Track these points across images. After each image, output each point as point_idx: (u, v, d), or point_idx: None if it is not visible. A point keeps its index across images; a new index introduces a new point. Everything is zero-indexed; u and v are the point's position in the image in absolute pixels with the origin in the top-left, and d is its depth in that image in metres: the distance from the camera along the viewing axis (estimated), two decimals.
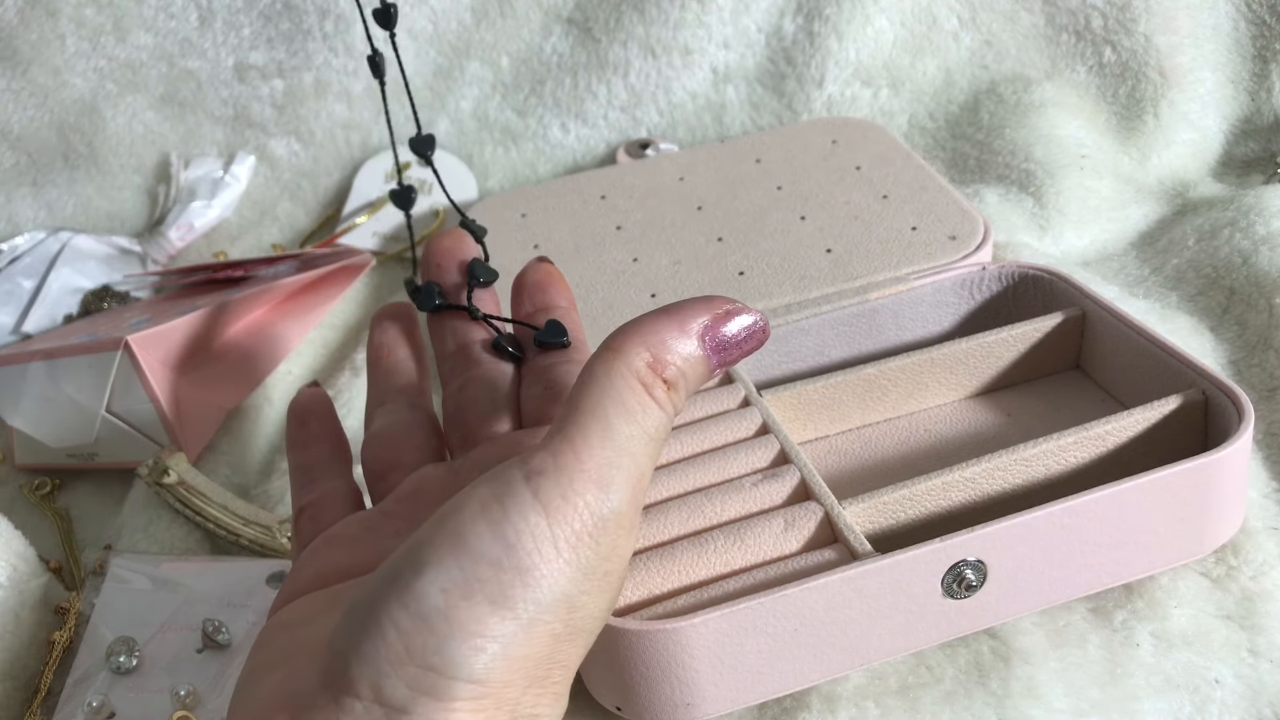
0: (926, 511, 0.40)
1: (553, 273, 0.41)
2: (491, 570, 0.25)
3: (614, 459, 0.26)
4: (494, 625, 0.25)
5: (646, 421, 0.28)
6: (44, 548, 0.50)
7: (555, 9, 0.73)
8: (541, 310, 0.40)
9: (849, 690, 0.38)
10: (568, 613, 0.26)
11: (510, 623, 0.25)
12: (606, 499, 0.26)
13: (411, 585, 0.25)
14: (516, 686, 0.25)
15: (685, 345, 0.29)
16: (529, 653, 0.25)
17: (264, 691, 0.27)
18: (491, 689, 0.25)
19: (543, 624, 0.25)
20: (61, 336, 0.57)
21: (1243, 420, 0.40)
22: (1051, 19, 0.71)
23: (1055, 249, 0.61)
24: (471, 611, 0.24)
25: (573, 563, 0.26)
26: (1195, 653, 0.39)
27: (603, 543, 0.26)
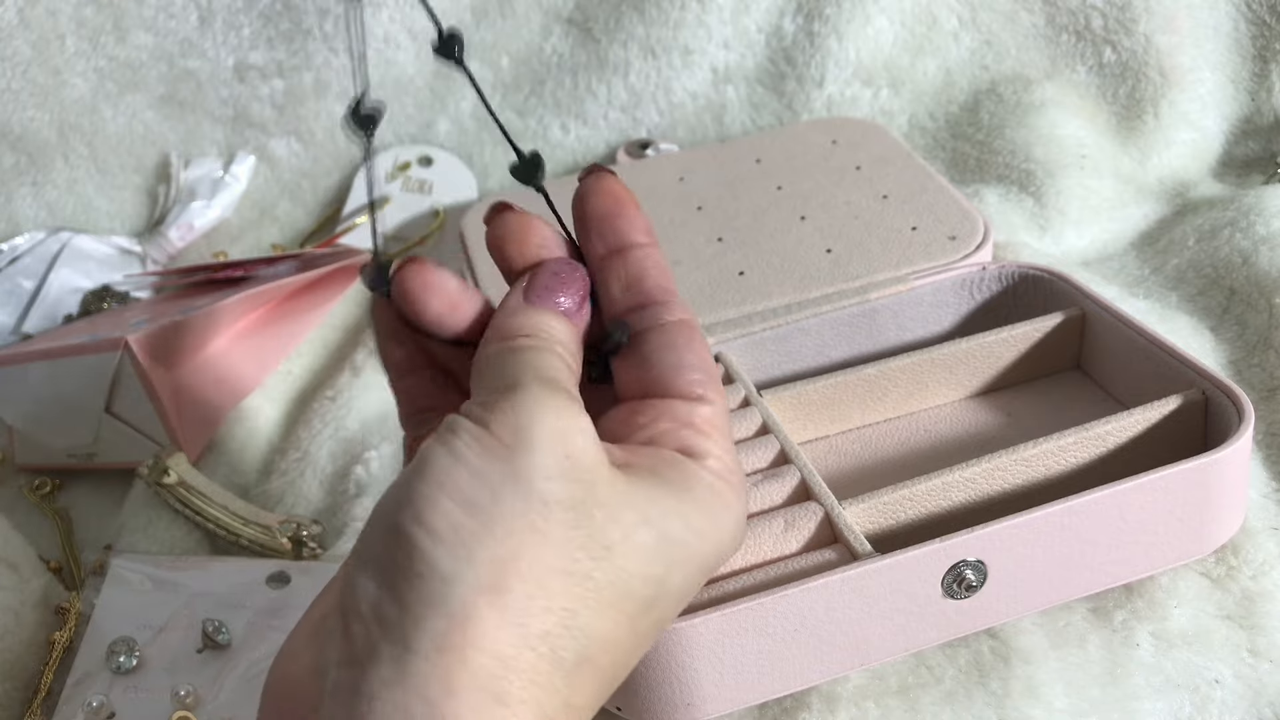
0: (926, 512, 0.40)
1: (620, 196, 0.32)
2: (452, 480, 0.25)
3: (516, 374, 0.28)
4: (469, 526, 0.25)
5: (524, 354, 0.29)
6: (44, 548, 0.50)
7: (555, 9, 0.73)
8: (617, 253, 0.32)
9: (849, 690, 0.38)
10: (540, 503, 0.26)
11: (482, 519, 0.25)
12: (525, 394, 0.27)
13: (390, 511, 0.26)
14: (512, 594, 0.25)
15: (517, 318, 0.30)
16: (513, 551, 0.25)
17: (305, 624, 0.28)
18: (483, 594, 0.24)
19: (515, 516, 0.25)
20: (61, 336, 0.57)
21: (1243, 420, 0.40)
22: (1051, 19, 0.71)
23: (1055, 249, 0.61)
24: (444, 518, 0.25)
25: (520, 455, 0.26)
26: (1195, 652, 0.39)
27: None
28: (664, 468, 0.28)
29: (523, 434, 0.26)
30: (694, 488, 0.28)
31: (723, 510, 0.28)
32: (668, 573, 0.27)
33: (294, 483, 0.51)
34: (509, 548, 0.25)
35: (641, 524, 0.26)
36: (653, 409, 0.29)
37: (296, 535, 0.47)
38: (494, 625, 0.24)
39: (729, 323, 0.50)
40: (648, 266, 0.31)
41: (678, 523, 0.27)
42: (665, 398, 0.30)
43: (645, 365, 0.30)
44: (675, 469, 0.28)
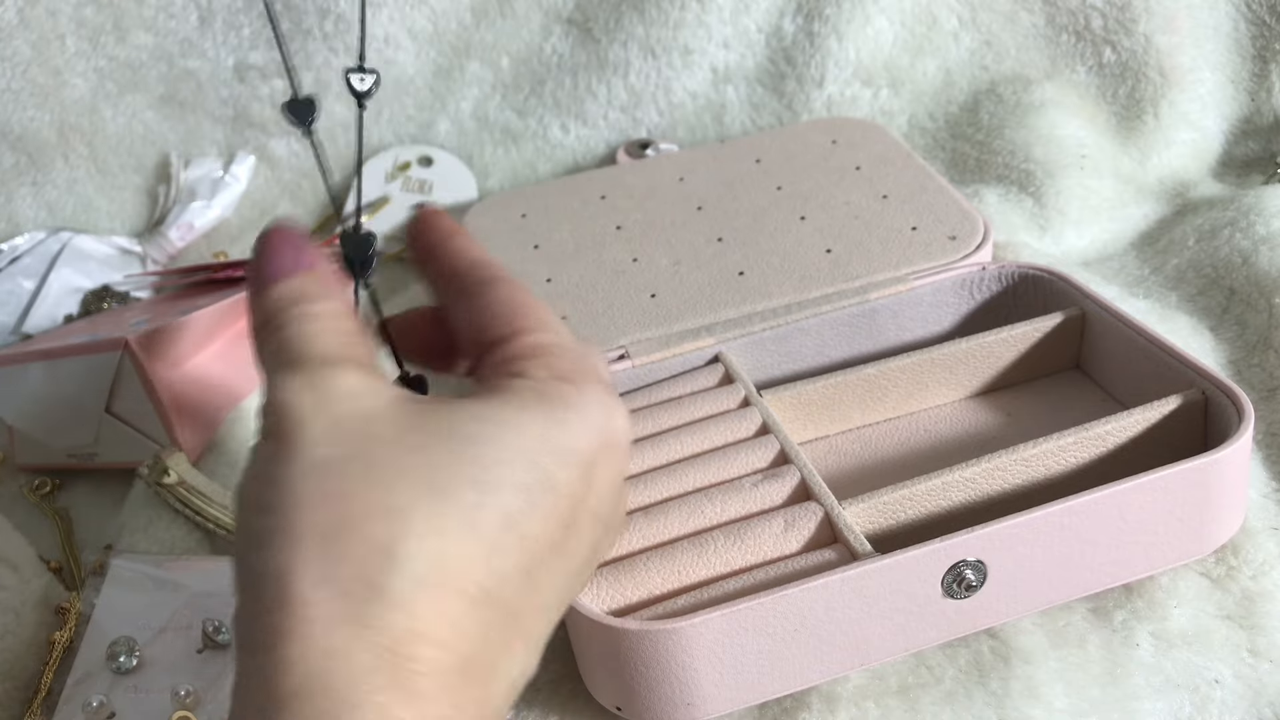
0: (926, 512, 0.40)
1: (425, 215, 0.35)
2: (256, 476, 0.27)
3: (272, 357, 0.29)
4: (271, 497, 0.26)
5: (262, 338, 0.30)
6: (44, 548, 0.50)
7: (555, 9, 0.73)
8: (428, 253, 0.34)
9: (849, 690, 0.38)
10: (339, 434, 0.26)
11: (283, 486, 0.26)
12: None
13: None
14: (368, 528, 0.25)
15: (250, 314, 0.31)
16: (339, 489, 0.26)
17: None
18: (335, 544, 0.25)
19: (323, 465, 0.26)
20: (62, 336, 0.57)
21: (1242, 420, 0.40)
22: (1051, 19, 0.71)
23: (1055, 249, 0.61)
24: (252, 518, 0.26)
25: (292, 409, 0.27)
26: (1195, 652, 0.39)
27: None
28: (480, 391, 0.29)
29: (282, 425, 0.26)
30: (507, 396, 0.28)
31: (543, 403, 0.28)
32: (482, 469, 0.26)
33: None
34: (300, 523, 0.25)
35: (436, 439, 0.26)
36: (486, 361, 0.30)
37: None
38: (302, 593, 0.24)
39: (729, 323, 0.50)
40: (450, 252, 0.33)
41: (483, 424, 0.27)
42: (490, 349, 0.30)
43: (470, 330, 0.31)
44: (492, 389, 0.28)
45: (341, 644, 0.24)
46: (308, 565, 0.24)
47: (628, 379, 0.49)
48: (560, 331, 0.31)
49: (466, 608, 0.25)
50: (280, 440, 0.26)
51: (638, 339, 0.50)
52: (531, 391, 0.28)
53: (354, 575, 0.24)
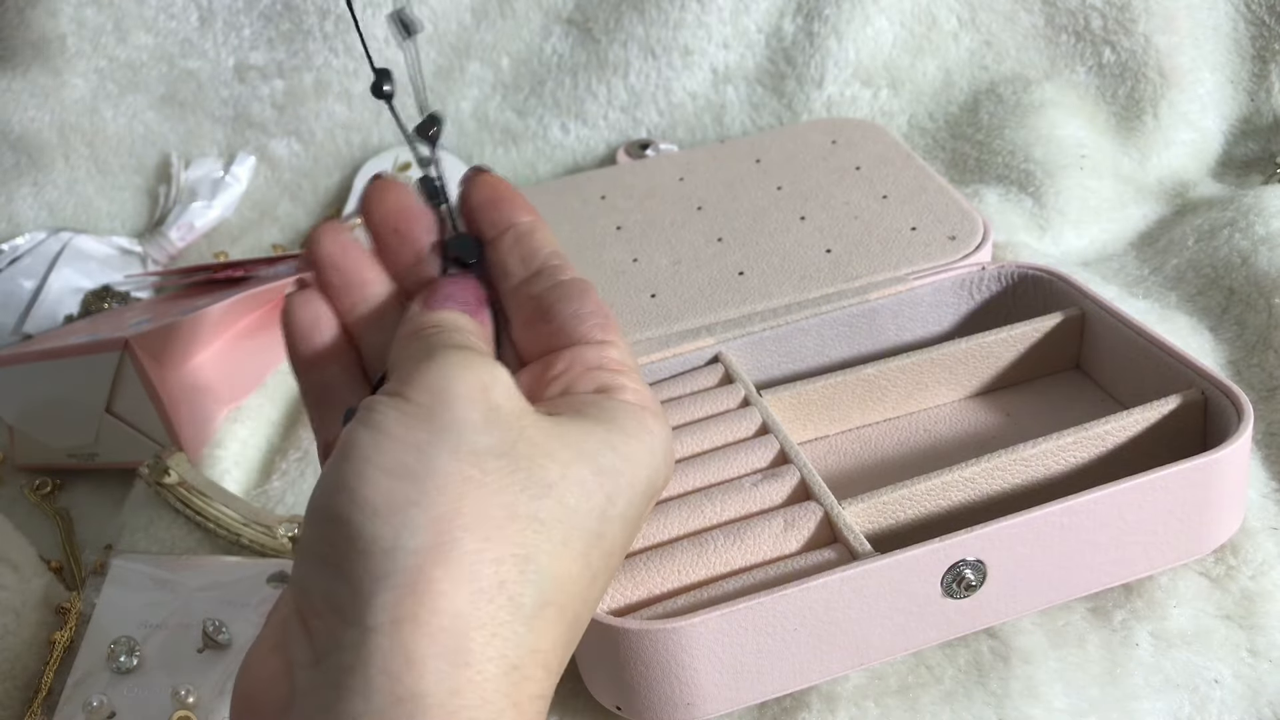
0: (926, 511, 0.40)
1: (496, 185, 0.34)
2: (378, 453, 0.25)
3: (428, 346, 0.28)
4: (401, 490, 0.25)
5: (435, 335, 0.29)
6: (44, 548, 0.50)
7: (555, 9, 0.73)
8: (504, 234, 0.34)
9: (849, 690, 0.38)
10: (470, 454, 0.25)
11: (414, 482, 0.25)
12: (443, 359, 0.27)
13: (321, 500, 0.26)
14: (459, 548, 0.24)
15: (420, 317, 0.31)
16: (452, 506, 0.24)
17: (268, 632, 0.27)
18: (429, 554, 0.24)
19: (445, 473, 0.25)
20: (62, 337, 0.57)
21: (1242, 420, 0.40)
22: (1051, 19, 0.71)
23: (1055, 249, 0.61)
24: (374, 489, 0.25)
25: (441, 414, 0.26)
26: (1194, 652, 0.39)
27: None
28: (586, 408, 0.29)
29: (442, 393, 0.26)
30: (617, 419, 0.28)
31: (648, 435, 0.29)
32: (609, 502, 0.27)
33: (294, 483, 0.51)
34: (448, 504, 0.24)
35: (576, 459, 0.27)
36: (562, 359, 0.30)
37: (297, 535, 0.47)
38: (446, 584, 0.23)
39: (729, 323, 0.50)
40: (535, 237, 0.33)
41: (609, 453, 0.27)
42: (571, 346, 0.31)
43: (546, 320, 0.31)
44: (596, 407, 0.29)
45: (475, 651, 0.23)
46: (450, 555, 0.24)
47: None
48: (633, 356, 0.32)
49: (567, 633, 0.26)
50: (433, 410, 0.25)
51: (638, 339, 0.50)
52: (638, 423, 0.29)
53: (493, 579, 0.24)
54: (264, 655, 0.26)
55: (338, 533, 0.24)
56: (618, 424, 0.28)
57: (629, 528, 0.28)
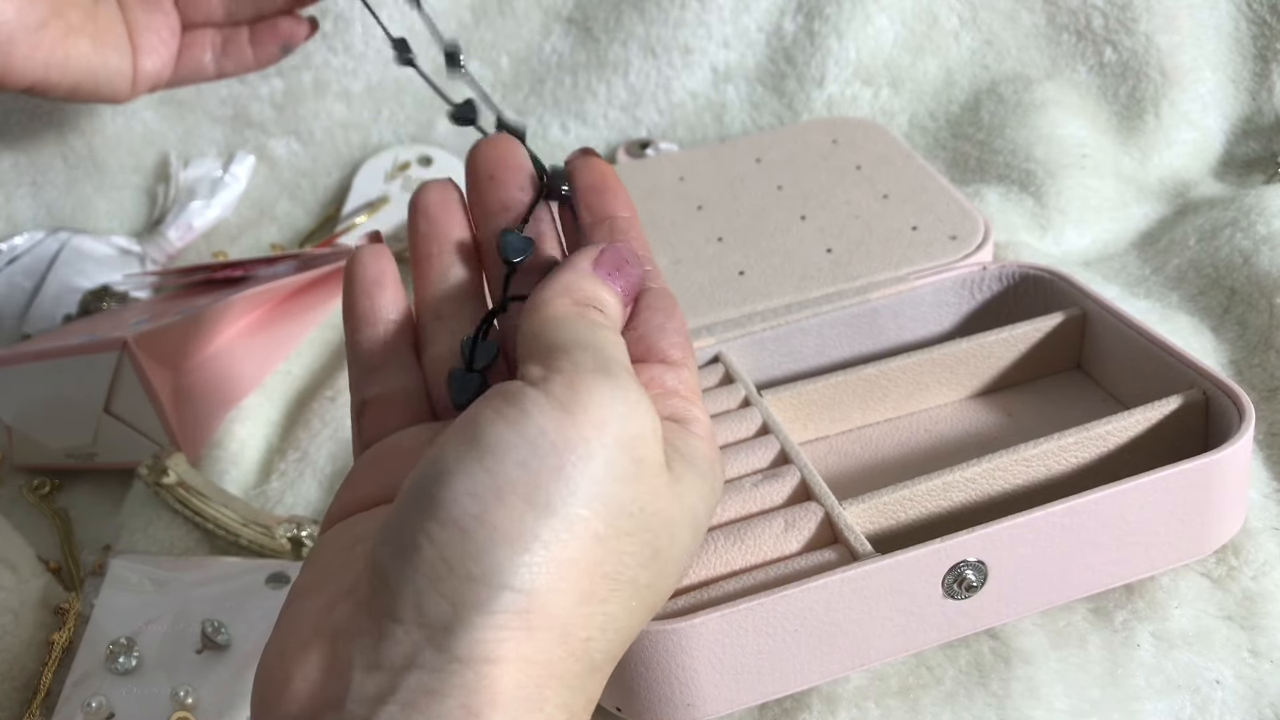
0: (927, 512, 0.40)
1: (607, 172, 0.34)
2: (520, 470, 0.24)
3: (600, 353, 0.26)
4: (533, 524, 0.23)
5: (603, 330, 0.28)
6: (43, 548, 0.50)
7: (555, 8, 0.73)
8: (601, 222, 0.34)
9: (849, 691, 0.38)
10: (605, 508, 0.24)
11: (549, 519, 0.23)
12: (615, 385, 0.25)
13: (438, 495, 0.24)
14: (565, 599, 0.23)
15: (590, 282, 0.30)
16: (573, 556, 0.23)
17: (305, 618, 0.26)
18: (538, 599, 0.23)
19: (582, 521, 0.24)
20: (61, 336, 0.57)
21: (1243, 420, 0.39)
22: (1052, 18, 0.71)
23: (1056, 249, 0.61)
24: (507, 513, 0.23)
25: (598, 453, 0.24)
26: (1196, 653, 0.39)
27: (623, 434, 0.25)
28: (678, 442, 0.27)
29: (603, 426, 0.24)
30: (698, 460, 0.28)
31: (715, 476, 0.28)
32: (680, 571, 0.27)
33: (294, 483, 0.51)
34: (569, 553, 0.23)
35: (684, 523, 0.26)
36: (641, 374, 0.29)
37: (296, 535, 0.47)
38: (544, 635, 0.23)
39: (729, 323, 0.50)
40: (630, 235, 0.33)
41: (701, 504, 0.27)
42: (649, 362, 0.29)
43: (632, 326, 0.30)
44: (684, 441, 0.28)
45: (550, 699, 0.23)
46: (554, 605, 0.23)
47: None
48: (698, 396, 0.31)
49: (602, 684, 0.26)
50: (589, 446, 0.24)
51: None
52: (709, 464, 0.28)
53: (582, 635, 0.24)
54: (304, 640, 0.25)
55: (451, 542, 0.23)
56: (699, 466, 0.28)
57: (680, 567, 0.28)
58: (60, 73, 0.50)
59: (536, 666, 0.23)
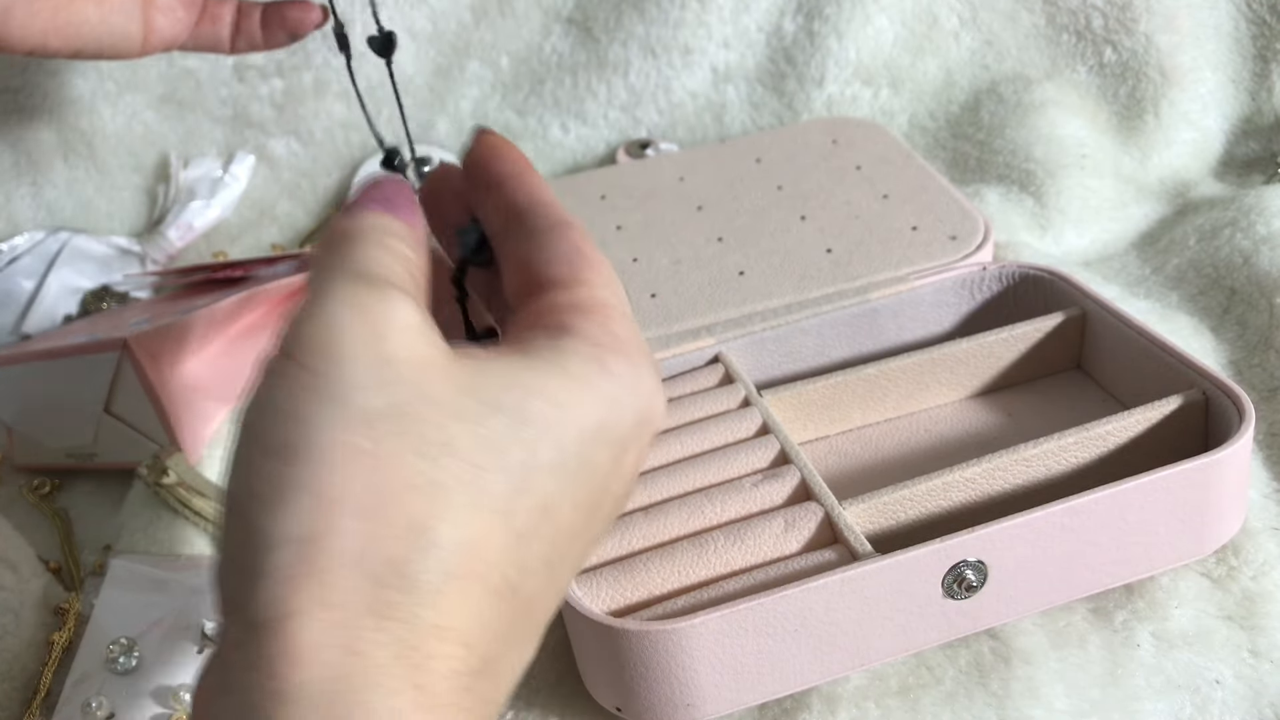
0: (927, 512, 0.40)
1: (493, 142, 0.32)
2: (261, 423, 0.23)
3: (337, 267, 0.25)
4: (284, 471, 0.22)
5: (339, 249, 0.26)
6: (43, 548, 0.50)
7: (555, 9, 0.73)
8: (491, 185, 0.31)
9: (849, 691, 0.38)
10: (366, 425, 0.23)
11: (298, 466, 0.22)
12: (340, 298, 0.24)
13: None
14: (351, 531, 0.22)
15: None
16: (339, 490, 0.22)
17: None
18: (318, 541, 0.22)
19: (341, 446, 0.22)
20: (61, 336, 0.57)
21: (1243, 420, 0.40)
22: (1052, 19, 0.71)
23: (1056, 249, 0.61)
24: (256, 469, 0.23)
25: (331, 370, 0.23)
26: (1196, 653, 0.39)
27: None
28: (533, 349, 0.26)
29: (329, 351, 0.23)
30: (562, 360, 0.25)
31: (602, 378, 0.25)
32: (531, 453, 0.24)
33: None
34: (334, 484, 0.22)
35: (485, 411, 0.24)
36: (533, 304, 0.28)
37: None
38: (332, 574, 0.21)
39: (729, 323, 0.50)
40: (518, 188, 0.30)
41: (536, 400, 0.24)
42: (543, 292, 0.28)
43: (523, 269, 0.29)
44: (545, 347, 0.26)
45: (364, 637, 0.21)
46: (340, 539, 0.22)
47: None
48: (621, 296, 0.28)
49: (493, 604, 0.23)
50: (318, 373, 0.23)
51: None
52: (592, 362, 0.26)
53: (386, 558, 0.22)
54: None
55: (230, 520, 0.23)
56: (558, 366, 0.25)
57: (576, 480, 0.25)
58: (61, 39, 0.49)
59: (336, 610, 0.21)
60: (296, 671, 0.21)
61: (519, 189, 0.30)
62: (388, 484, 0.22)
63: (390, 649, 0.21)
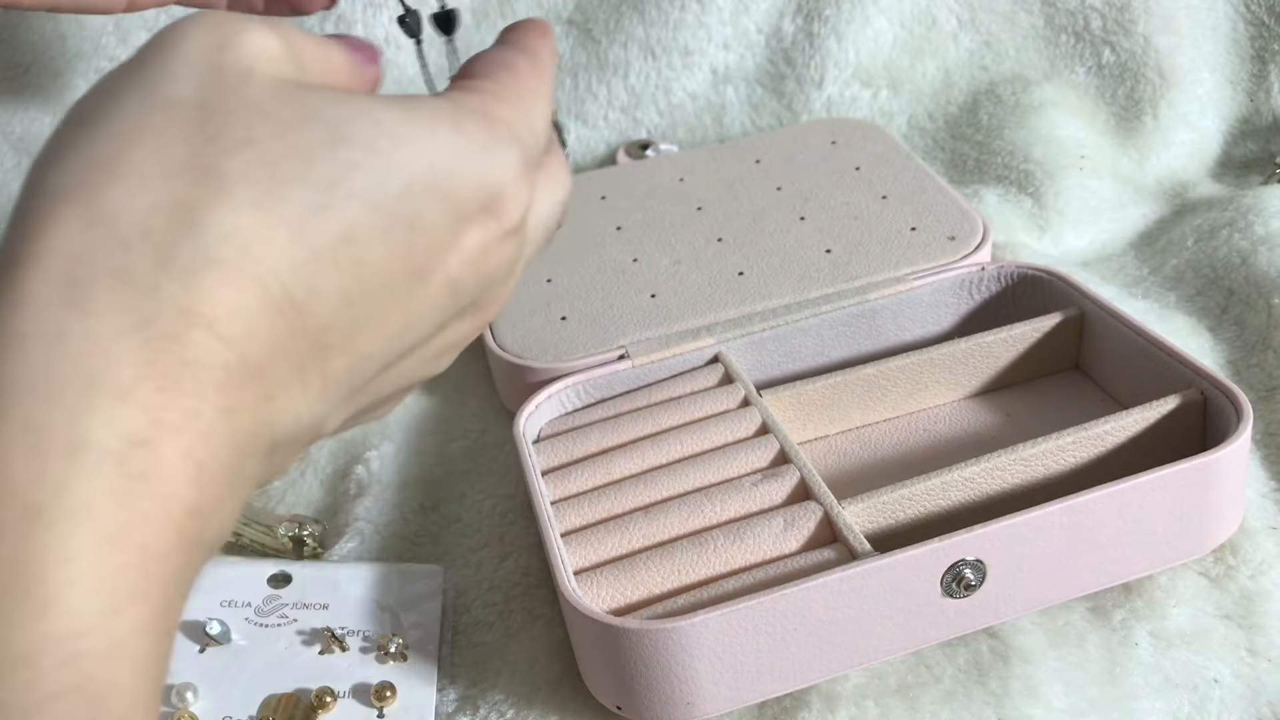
0: (926, 511, 0.40)
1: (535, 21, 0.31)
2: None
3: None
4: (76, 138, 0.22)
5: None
6: None
7: (555, 10, 0.73)
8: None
9: (849, 689, 0.38)
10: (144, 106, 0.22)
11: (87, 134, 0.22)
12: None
13: None
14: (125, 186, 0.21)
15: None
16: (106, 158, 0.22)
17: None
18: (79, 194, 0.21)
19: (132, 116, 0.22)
20: None
21: (1241, 420, 0.40)
22: (1050, 20, 0.71)
23: (1054, 249, 0.61)
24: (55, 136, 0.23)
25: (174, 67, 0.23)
26: (1194, 652, 0.39)
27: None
28: (398, 99, 0.24)
29: (163, 48, 0.23)
30: (412, 103, 0.24)
31: (450, 130, 0.24)
32: (344, 175, 0.23)
33: (294, 482, 0.52)
34: (110, 149, 0.21)
35: (304, 122, 0.23)
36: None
37: (297, 534, 0.48)
38: (74, 226, 0.21)
39: (729, 323, 0.50)
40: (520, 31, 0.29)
41: (367, 125, 0.23)
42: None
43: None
44: (412, 100, 0.24)
45: (97, 297, 0.20)
46: (91, 196, 0.21)
47: (628, 379, 0.49)
48: (526, 102, 0.26)
49: (262, 305, 0.22)
50: (145, 62, 0.23)
51: (638, 339, 0.50)
52: (444, 115, 0.24)
53: (137, 226, 0.21)
54: None
55: (28, 175, 0.22)
56: (410, 110, 0.24)
57: (393, 223, 0.23)
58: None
59: (67, 260, 0.21)
60: (18, 318, 0.20)
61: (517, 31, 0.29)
62: (164, 163, 0.21)
63: (124, 317, 0.20)
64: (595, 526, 0.40)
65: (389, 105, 0.24)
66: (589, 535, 0.40)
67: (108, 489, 0.19)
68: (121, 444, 0.19)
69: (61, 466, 0.19)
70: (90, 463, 0.19)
